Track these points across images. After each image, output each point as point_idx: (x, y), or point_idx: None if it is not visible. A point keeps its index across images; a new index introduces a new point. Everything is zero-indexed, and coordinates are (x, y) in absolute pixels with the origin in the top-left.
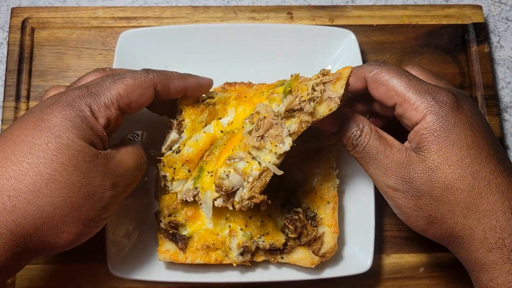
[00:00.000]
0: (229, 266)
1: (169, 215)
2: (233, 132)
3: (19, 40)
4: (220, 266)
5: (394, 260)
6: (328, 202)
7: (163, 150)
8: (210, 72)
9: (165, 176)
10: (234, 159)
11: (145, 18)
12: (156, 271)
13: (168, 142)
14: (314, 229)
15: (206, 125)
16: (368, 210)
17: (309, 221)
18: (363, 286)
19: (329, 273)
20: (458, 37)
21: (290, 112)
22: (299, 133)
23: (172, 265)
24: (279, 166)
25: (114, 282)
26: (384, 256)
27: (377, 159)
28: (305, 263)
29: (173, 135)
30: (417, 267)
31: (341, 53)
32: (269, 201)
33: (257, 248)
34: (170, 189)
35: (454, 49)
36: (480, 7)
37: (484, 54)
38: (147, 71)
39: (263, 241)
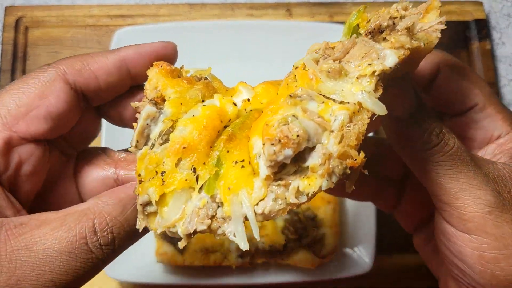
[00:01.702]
0: (228, 268)
1: None
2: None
3: (12, 39)
4: (219, 268)
5: (395, 260)
6: (329, 203)
7: (130, 147)
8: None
9: (146, 205)
10: (300, 96)
11: (141, 16)
12: (154, 274)
13: (138, 129)
14: (314, 230)
15: (203, 101)
16: (369, 210)
17: (309, 222)
18: (365, 287)
19: (330, 274)
20: (459, 33)
21: (375, 35)
22: (397, 66)
23: (170, 267)
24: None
25: (110, 284)
26: (386, 256)
27: (470, 167)
28: (306, 264)
29: (147, 109)
30: (419, 268)
31: None
32: (367, 171)
33: (257, 249)
34: (160, 229)
35: (455, 46)
36: (481, 4)
37: (485, 51)
38: (49, 64)
39: (262, 243)
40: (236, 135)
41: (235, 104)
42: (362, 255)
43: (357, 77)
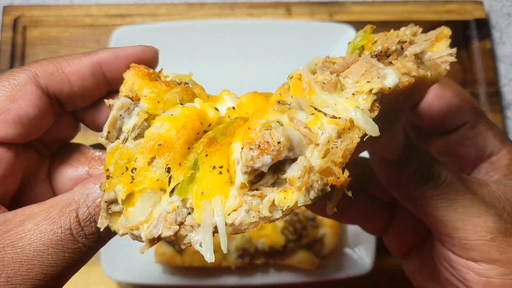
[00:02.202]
0: (227, 269)
1: None
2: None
3: (11, 39)
4: (218, 268)
5: (395, 261)
6: None
7: (100, 139)
8: (207, 69)
9: (111, 203)
10: (289, 104)
11: (139, 16)
12: (153, 274)
13: (110, 119)
14: (314, 230)
15: (182, 104)
16: None
17: (309, 222)
18: (365, 287)
19: (330, 274)
20: (459, 33)
21: (381, 59)
22: (397, 88)
23: (169, 268)
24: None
25: (109, 285)
26: (386, 256)
27: (465, 195)
28: (306, 265)
29: (122, 100)
30: None
31: (341, 50)
32: (351, 193)
33: (256, 250)
34: (122, 231)
35: (455, 46)
36: (481, 3)
37: (486, 50)
38: (21, 67)
39: (262, 243)
40: (218, 140)
41: (216, 109)
42: (362, 255)
43: (353, 93)
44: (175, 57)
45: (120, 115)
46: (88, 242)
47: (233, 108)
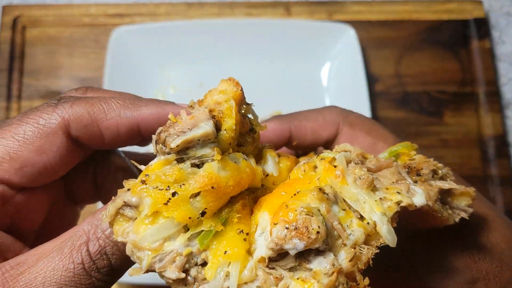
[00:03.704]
0: None
1: None
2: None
3: (10, 38)
4: None
5: None
6: None
7: (156, 145)
8: (206, 69)
9: (128, 206)
10: (327, 194)
11: (138, 15)
12: (152, 274)
13: (189, 137)
14: None
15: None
16: None
17: None
18: None
19: None
20: (459, 32)
21: (411, 173)
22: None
23: None
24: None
25: None
26: None
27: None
28: None
29: (208, 125)
30: None
31: (340, 49)
32: None
33: None
34: (120, 238)
35: (455, 45)
36: (480, 2)
37: (485, 49)
38: (57, 101)
39: None
40: (247, 205)
41: (264, 175)
42: None
43: (381, 198)
44: (174, 56)
45: (199, 140)
46: (101, 276)
47: (266, 175)
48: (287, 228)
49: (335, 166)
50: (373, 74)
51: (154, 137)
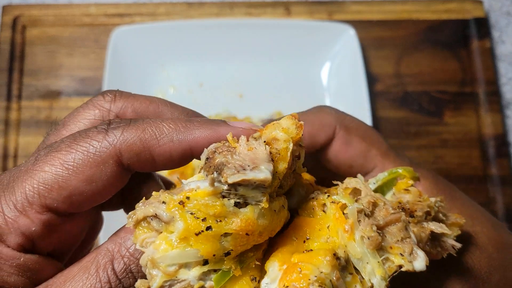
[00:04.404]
0: None
1: None
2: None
3: (10, 38)
4: None
5: None
6: None
7: (207, 175)
8: (206, 69)
9: (156, 217)
10: (339, 259)
11: (138, 15)
12: None
13: (248, 178)
14: None
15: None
16: None
17: None
18: None
19: None
20: (458, 32)
21: (405, 212)
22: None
23: None
24: None
25: None
26: None
27: None
28: None
29: (267, 175)
30: None
31: (340, 49)
32: None
33: None
34: (138, 245)
35: (454, 45)
36: (480, 2)
37: (485, 49)
38: (107, 126)
39: None
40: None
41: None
42: None
43: (383, 258)
44: (174, 56)
45: (254, 182)
46: None
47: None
48: None
49: (344, 213)
50: (373, 74)
51: (205, 152)
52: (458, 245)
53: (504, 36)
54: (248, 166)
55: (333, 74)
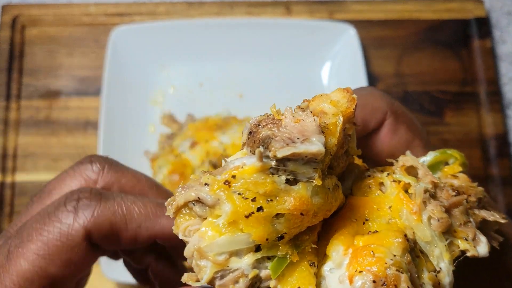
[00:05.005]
0: None
1: None
2: None
3: (9, 38)
4: None
5: None
6: None
7: (264, 150)
8: (206, 68)
9: (199, 202)
10: (409, 241)
11: (138, 14)
12: None
13: (299, 150)
14: None
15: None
16: None
17: None
18: None
19: None
20: (459, 31)
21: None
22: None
23: None
24: None
25: (108, 285)
26: None
27: None
28: None
29: (318, 144)
30: None
31: (341, 49)
32: None
33: None
34: (181, 235)
35: (455, 44)
36: (481, 2)
37: (486, 49)
38: (76, 204)
39: None
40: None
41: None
42: None
43: (450, 245)
44: (174, 56)
45: (305, 156)
46: None
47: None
48: (374, 282)
49: (406, 192)
50: (373, 73)
51: (247, 126)
52: (500, 238)
53: (505, 35)
54: (298, 138)
55: (334, 74)
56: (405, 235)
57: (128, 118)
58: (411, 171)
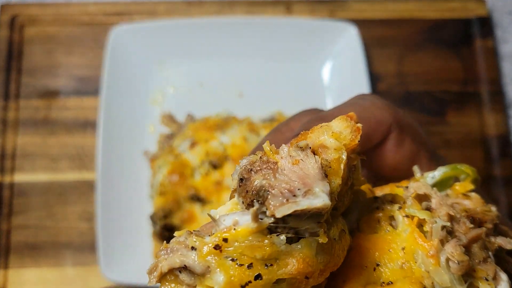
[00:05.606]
0: None
1: (165, 217)
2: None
3: (8, 37)
4: None
5: None
6: None
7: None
8: (206, 68)
9: (185, 269)
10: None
11: (137, 14)
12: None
13: (302, 208)
14: None
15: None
16: None
17: None
18: None
19: None
20: (461, 31)
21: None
22: None
23: None
24: None
25: (108, 285)
26: None
27: None
28: None
29: (326, 201)
30: None
31: (342, 48)
32: None
33: None
34: None
35: (457, 44)
36: (483, 1)
37: (488, 48)
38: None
39: None
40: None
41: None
42: None
43: (468, 285)
44: (174, 55)
45: (309, 211)
46: None
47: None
48: None
49: (421, 226)
50: (375, 73)
51: (237, 170)
52: None
53: (507, 35)
54: (299, 189)
55: (335, 73)
56: (424, 287)
57: (127, 118)
58: (422, 197)
